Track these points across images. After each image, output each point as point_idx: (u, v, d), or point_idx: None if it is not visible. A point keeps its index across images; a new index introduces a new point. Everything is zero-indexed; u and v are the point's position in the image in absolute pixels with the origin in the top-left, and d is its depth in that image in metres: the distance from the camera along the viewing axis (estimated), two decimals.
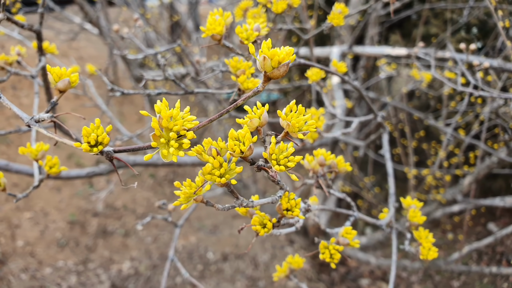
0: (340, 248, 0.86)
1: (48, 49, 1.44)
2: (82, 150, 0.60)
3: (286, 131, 0.62)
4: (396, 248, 1.18)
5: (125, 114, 7.58)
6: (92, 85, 2.19)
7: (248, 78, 0.94)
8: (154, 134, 0.57)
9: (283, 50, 0.57)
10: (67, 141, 0.66)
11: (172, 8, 5.90)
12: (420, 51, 2.71)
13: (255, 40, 0.89)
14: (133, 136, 1.84)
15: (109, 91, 1.12)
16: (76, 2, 4.56)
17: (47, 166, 0.98)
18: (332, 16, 1.32)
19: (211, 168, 0.60)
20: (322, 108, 1.29)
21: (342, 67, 1.35)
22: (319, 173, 0.98)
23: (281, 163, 0.61)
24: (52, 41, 6.43)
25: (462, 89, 1.81)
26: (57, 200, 5.41)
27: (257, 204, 0.69)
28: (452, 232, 5.33)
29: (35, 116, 0.70)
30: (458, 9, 4.59)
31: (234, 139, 0.61)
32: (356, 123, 1.44)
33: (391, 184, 1.33)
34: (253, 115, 0.63)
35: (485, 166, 3.81)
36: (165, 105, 0.58)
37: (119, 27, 1.56)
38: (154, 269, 4.88)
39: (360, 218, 1.02)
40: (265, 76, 0.58)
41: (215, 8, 0.90)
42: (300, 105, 0.62)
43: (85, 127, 0.59)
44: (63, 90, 0.71)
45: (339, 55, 3.02)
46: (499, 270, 3.62)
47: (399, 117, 5.10)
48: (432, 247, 1.02)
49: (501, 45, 3.58)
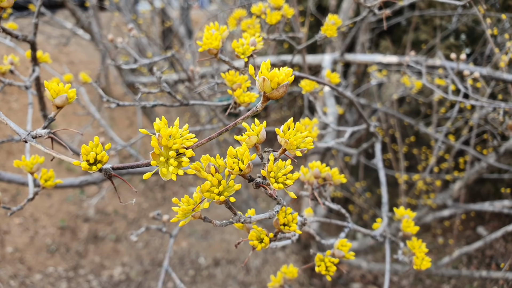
0: (335, 260, 0.87)
1: (42, 59, 1.44)
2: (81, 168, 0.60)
3: (284, 148, 0.63)
4: (390, 257, 1.19)
5: (116, 119, 7.54)
6: (85, 92, 2.19)
7: (244, 92, 0.95)
8: (154, 153, 0.58)
9: (282, 72, 0.57)
10: (65, 157, 0.66)
11: (164, 13, 5.89)
12: (411, 60, 2.74)
13: (251, 55, 0.90)
14: (126, 146, 1.83)
15: (105, 102, 1.12)
16: (68, 8, 4.53)
17: (43, 179, 0.98)
18: (326, 28, 1.34)
19: (210, 185, 0.60)
20: (315, 118, 1.30)
21: (335, 78, 1.37)
22: (314, 185, 0.99)
23: (280, 180, 0.62)
24: (43, 45, 6.38)
25: (453, 98, 1.83)
26: (47, 205, 5.36)
27: (254, 219, 0.69)
28: (442, 236, 5.37)
29: (32, 132, 0.70)
30: (447, 16, 4.66)
31: (233, 156, 0.62)
32: (349, 133, 1.46)
33: (384, 194, 1.34)
34: (251, 132, 0.64)
35: (475, 171, 3.85)
36: (164, 123, 0.59)
37: (113, 37, 1.56)
38: (145, 275, 4.85)
39: (354, 229, 1.03)
40: (264, 97, 0.59)
41: (212, 23, 0.91)
42: (298, 122, 0.63)
43: (84, 146, 0.59)
44: (60, 106, 0.71)
45: (331, 62, 3.05)
46: (489, 274, 3.66)
47: (389, 122, 5.14)
48: (426, 257, 1.03)
49: (489, 52, 3.63)
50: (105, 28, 6.49)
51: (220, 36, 0.88)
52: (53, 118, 0.73)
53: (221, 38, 0.88)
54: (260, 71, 0.57)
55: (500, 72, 2.29)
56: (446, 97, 1.89)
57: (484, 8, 2.19)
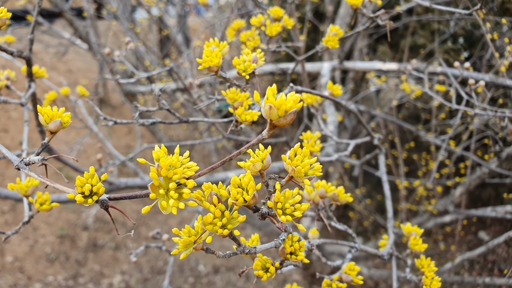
0: (343, 286, 0.83)
1: (38, 74, 1.41)
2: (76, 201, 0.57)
3: (290, 175, 0.60)
4: (396, 275, 1.16)
5: (115, 126, 7.51)
6: (82, 105, 2.15)
7: (246, 110, 0.92)
8: (153, 184, 0.54)
9: (289, 99, 0.53)
10: (59, 186, 0.63)
11: (161, 21, 5.87)
12: (413, 68, 2.72)
13: (253, 72, 0.87)
14: (125, 160, 1.80)
15: (102, 120, 1.09)
16: (65, 18, 4.51)
17: (38, 203, 0.94)
18: (328, 39, 1.31)
19: (213, 217, 0.57)
20: (318, 132, 1.27)
21: (338, 90, 1.34)
22: (319, 205, 0.95)
23: (287, 212, 0.58)
24: (41, 54, 6.34)
25: (456, 107, 1.81)
26: (46, 214, 5.32)
27: (259, 250, 0.66)
28: (444, 242, 5.34)
29: (25, 159, 0.67)
30: (444, 20, 4.64)
31: (237, 186, 0.59)
32: (353, 146, 1.43)
33: (389, 208, 1.31)
34: (256, 158, 0.61)
35: (476, 176, 3.82)
36: (164, 152, 0.55)
37: (111, 50, 1.53)
38: (145, 283, 4.81)
39: (361, 249, 0.99)
40: (270, 124, 0.55)
41: (211, 38, 0.88)
42: (305, 148, 0.59)
43: (78, 177, 0.56)
44: (54, 131, 0.68)
45: (329, 70, 3.02)
46: (492, 281, 3.62)
47: (389, 128, 5.11)
48: (435, 277, 0.99)
49: (489, 56, 3.62)
50: (103, 36, 6.47)
51: (221, 53, 0.85)
52: (47, 144, 0.69)
53: (221, 55, 0.85)
54: (266, 97, 0.53)
55: (502, 78, 2.27)
56: (450, 106, 1.87)
57: (483, 13, 2.17)
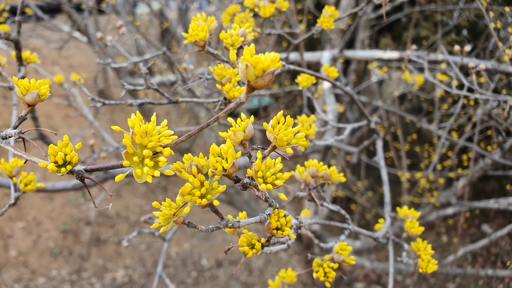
0: (335, 266, 0.80)
1: (29, 59, 1.38)
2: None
3: (273, 144, 0.57)
4: (393, 259, 1.13)
5: (117, 121, 7.50)
6: (79, 94, 2.13)
7: (234, 86, 0.89)
8: (127, 152, 0.51)
9: (267, 57, 0.51)
10: (35, 158, 0.61)
11: (162, 15, 5.84)
12: (413, 54, 2.68)
13: (240, 46, 0.84)
14: (119, 147, 1.78)
15: (90, 101, 1.07)
16: (64, 10, 4.49)
17: (22, 183, 0.92)
18: (322, 20, 1.28)
19: (191, 188, 0.54)
20: (314, 115, 1.24)
21: (333, 72, 1.31)
22: (311, 185, 0.93)
23: (268, 181, 0.55)
24: (42, 49, 6.35)
25: (457, 92, 1.77)
26: (49, 209, 5.34)
27: (243, 224, 0.64)
28: (447, 234, 5.30)
29: (1, 133, 0.65)
30: (448, 11, 4.58)
31: (216, 155, 0.56)
32: (349, 130, 1.40)
33: (386, 193, 1.28)
34: (237, 128, 0.58)
35: (479, 168, 3.78)
36: (139, 119, 0.53)
37: (102, 35, 1.51)
38: (148, 277, 4.82)
39: (355, 231, 0.97)
40: (248, 86, 0.52)
41: (199, 14, 0.86)
42: (289, 116, 0.57)
43: (51, 145, 0.54)
44: (32, 103, 0.65)
45: (330, 59, 2.98)
46: (494, 272, 3.59)
47: (391, 120, 5.07)
48: (431, 259, 0.97)
49: (492, 46, 3.56)
50: (104, 31, 6.45)
51: (207, 27, 0.82)
52: (24, 117, 0.67)
53: (208, 29, 0.82)
54: (242, 56, 0.50)
55: (505, 65, 2.23)
56: (450, 91, 1.83)
57: (486, 2, 2.13)
